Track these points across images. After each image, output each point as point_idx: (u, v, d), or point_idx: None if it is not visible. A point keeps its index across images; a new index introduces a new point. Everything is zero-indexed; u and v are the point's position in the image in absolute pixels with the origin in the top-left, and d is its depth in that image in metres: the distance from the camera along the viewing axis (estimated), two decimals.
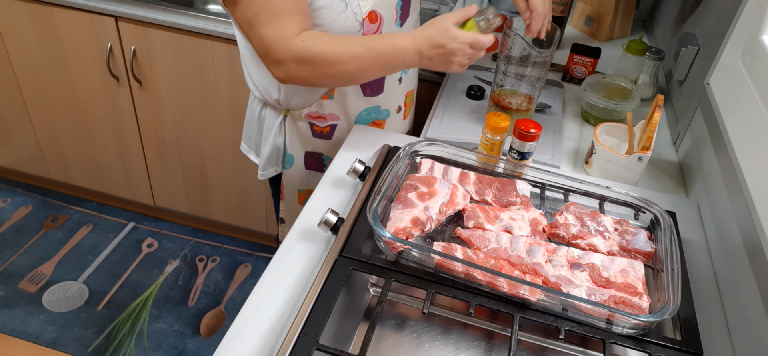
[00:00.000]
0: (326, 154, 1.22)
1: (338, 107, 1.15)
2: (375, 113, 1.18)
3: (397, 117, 1.24)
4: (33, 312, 1.87)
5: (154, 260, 2.10)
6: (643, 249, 0.80)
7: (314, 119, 1.16)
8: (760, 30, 0.89)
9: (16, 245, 2.11)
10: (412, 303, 0.81)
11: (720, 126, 0.97)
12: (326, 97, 1.12)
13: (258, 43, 0.95)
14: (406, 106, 1.25)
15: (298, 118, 1.15)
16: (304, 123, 1.16)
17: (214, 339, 1.85)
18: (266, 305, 0.75)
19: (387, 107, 1.19)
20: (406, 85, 1.21)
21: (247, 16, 0.93)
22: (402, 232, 0.77)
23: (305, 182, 1.26)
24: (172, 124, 1.90)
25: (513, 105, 1.16)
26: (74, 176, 2.22)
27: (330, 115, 1.15)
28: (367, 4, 1.00)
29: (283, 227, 1.38)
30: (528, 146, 0.96)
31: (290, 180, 1.26)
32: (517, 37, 1.08)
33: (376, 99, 1.16)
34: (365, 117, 1.18)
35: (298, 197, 1.30)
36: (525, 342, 0.78)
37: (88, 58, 1.82)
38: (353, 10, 0.99)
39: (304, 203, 1.28)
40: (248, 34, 0.95)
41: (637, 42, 1.36)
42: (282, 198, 1.30)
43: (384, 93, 1.16)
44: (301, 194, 1.29)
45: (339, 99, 1.13)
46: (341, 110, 1.15)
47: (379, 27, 1.04)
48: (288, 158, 1.22)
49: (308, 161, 1.22)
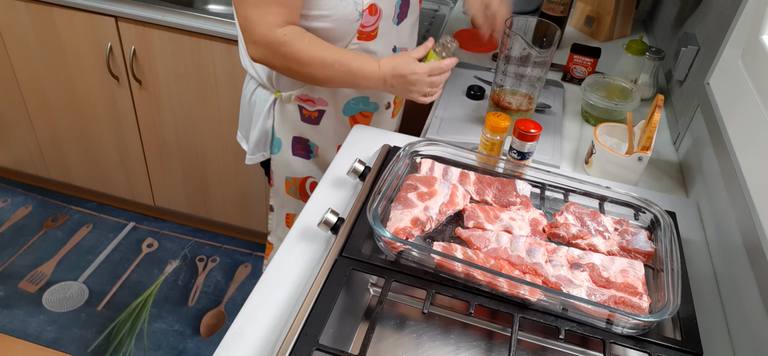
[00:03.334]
0: (313, 140, 1.24)
1: (328, 93, 1.17)
2: (363, 103, 1.21)
3: (385, 113, 1.26)
4: (33, 312, 1.87)
5: (154, 260, 2.10)
6: (643, 249, 0.80)
7: (304, 102, 1.18)
8: (760, 30, 0.89)
9: (16, 245, 2.11)
10: (412, 303, 0.81)
11: (720, 126, 0.97)
12: None
13: (242, 19, 1.00)
14: (396, 104, 1.28)
15: (287, 100, 1.17)
16: (294, 106, 1.18)
17: (214, 339, 1.85)
18: (266, 305, 0.75)
19: (376, 100, 1.22)
20: None
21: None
22: (402, 232, 0.77)
23: (291, 169, 1.28)
24: (172, 124, 1.90)
25: (513, 105, 1.16)
26: (74, 176, 2.22)
27: (319, 99, 1.17)
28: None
29: (272, 215, 1.39)
30: (528, 146, 0.96)
31: (278, 166, 1.28)
32: (517, 37, 1.08)
33: (367, 91, 1.19)
34: (353, 107, 1.20)
35: (285, 185, 1.31)
36: (525, 342, 0.78)
37: (88, 58, 1.82)
38: (355, 1, 1.01)
39: (291, 192, 1.30)
40: (237, 8, 1.01)
41: (637, 42, 1.36)
42: (271, 184, 1.31)
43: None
44: (288, 181, 1.30)
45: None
46: (330, 95, 1.17)
47: (377, 20, 1.07)
48: (276, 142, 1.23)
49: (295, 147, 1.24)
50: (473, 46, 1.58)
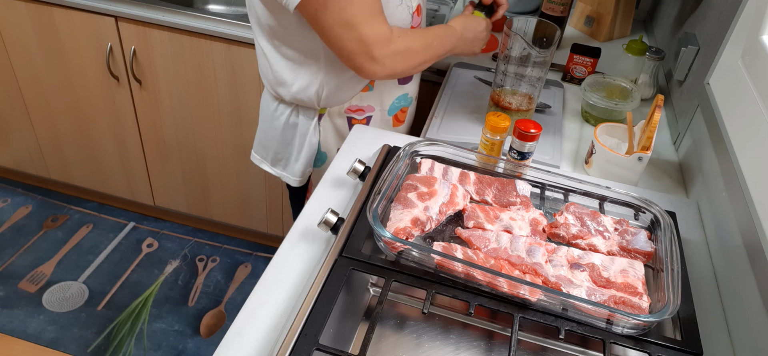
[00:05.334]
0: None
1: (375, 98, 1.20)
2: (404, 100, 1.26)
3: (413, 105, 1.32)
4: (33, 312, 1.87)
5: (154, 260, 2.10)
6: (643, 249, 0.80)
7: (353, 112, 1.20)
8: (760, 30, 0.89)
9: (16, 245, 2.11)
10: (412, 303, 0.81)
11: (720, 126, 0.97)
12: (366, 89, 1.18)
13: (357, 42, 0.99)
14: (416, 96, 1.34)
15: (336, 115, 1.19)
16: (342, 119, 1.21)
17: (214, 339, 1.85)
18: (266, 305, 0.75)
19: (412, 95, 1.28)
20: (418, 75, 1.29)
21: (344, 18, 0.97)
22: (402, 232, 0.77)
23: None
24: (172, 124, 1.90)
25: (513, 105, 1.16)
26: (74, 176, 2.22)
27: (368, 106, 1.21)
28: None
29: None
30: (528, 146, 0.96)
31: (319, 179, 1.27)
32: (517, 37, 1.08)
33: (406, 87, 1.24)
34: (396, 105, 1.24)
35: None
36: (525, 342, 0.78)
37: (88, 58, 1.82)
38: (407, 4, 1.08)
39: None
40: (342, 34, 0.99)
41: (637, 42, 1.36)
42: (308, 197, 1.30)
43: (412, 82, 1.25)
44: None
45: (378, 89, 1.19)
46: (378, 100, 1.21)
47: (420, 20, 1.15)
48: (321, 156, 1.25)
49: None
50: None
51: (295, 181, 1.28)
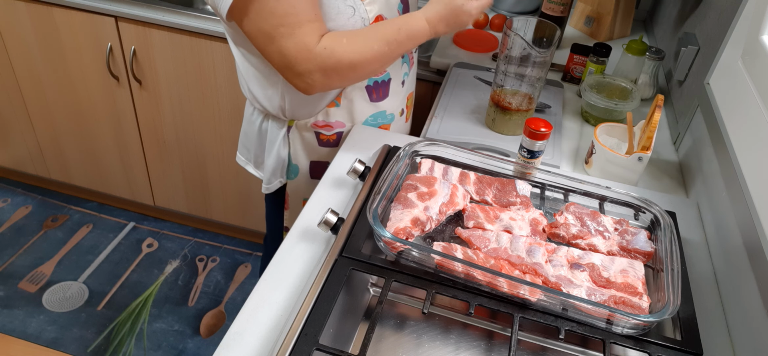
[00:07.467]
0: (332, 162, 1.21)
1: (345, 114, 1.13)
2: (381, 117, 1.17)
3: (400, 120, 1.23)
4: (33, 312, 1.87)
5: (154, 260, 2.10)
6: (643, 249, 0.80)
7: (321, 128, 1.13)
8: (760, 30, 0.89)
9: (16, 245, 2.11)
10: (412, 303, 0.81)
11: (720, 126, 0.97)
12: (333, 105, 1.11)
13: (278, 56, 0.91)
14: (407, 108, 1.26)
15: (303, 128, 1.13)
16: (310, 133, 1.14)
17: (214, 339, 1.85)
18: (266, 305, 0.75)
19: (392, 111, 1.19)
20: (407, 88, 1.21)
21: (265, 29, 0.88)
22: (402, 232, 0.77)
23: (310, 190, 1.24)
24: (172, 124, 1.90)
25: (513, 105, 1.16)
26: (74, 176, 2.22)
27: (336, 122, 1.13)
28: (373, 9, 0.99)
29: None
30: (538, 145, 0.96)
31: (294, 189, 1.24)
32: (517, 37, 1.08)
33: (382, 104, 1.15)
34: (372, 122, 1.17)
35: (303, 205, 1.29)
36: (525, 342, 0.78)
37: (88, 58, 1.82)
38: (361, 16, 0.98)
39: None
40: (265, 47, 0.91)
41: (637, 42, 1.36)
42: (287, 208, 1.28)
43: (389, 97, 1.16)
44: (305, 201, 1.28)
45: (346, 106, 1.12)
46: (348, 116, 1.13)
47: None
48: (293, 168, 1.19)
49: (313, 170, 1.20)
50: (473, 47, 1.58)
51: (264, 187, 1.24)
